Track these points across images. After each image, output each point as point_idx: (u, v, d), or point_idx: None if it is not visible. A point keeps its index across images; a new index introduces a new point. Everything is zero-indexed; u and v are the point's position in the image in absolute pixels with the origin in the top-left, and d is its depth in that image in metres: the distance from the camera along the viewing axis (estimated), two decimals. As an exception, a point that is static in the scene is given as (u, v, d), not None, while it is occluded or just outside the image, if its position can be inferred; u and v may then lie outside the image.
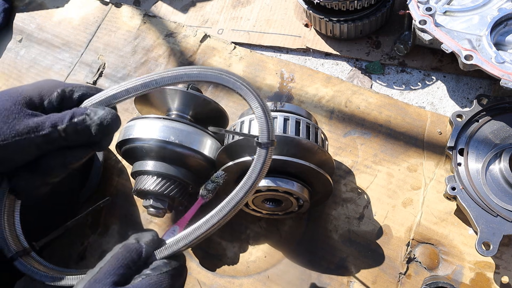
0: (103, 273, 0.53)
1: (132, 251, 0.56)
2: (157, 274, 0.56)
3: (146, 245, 0.58)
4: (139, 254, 0.57)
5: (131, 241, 0.58)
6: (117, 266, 0.54)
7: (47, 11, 1.38)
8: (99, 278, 0.53)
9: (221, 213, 0.63)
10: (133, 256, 0.56)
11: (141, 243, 0.58)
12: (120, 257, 0.55)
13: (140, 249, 0.57)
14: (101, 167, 1.03)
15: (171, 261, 0.59)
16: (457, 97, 1.09)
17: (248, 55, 1.19)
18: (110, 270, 0.53)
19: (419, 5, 0.98)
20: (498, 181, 0.88)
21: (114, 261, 0.55)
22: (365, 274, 0.90)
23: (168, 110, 0.97)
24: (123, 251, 0.56)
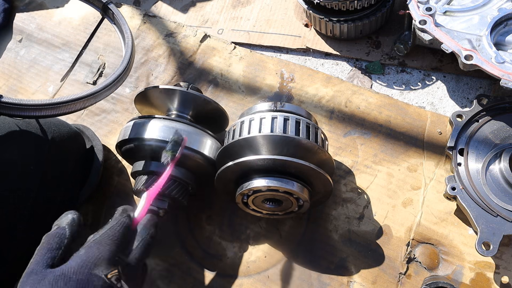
0: (34, 263, 0.57)
1: (54, 236, 0.60)
2: (85, 245, 0.60)
3: (68, 225, 0.62)
4: (62, 236, 0.60)
5: (52, 229, 0.62)
6: (44, 253, 0.58)
7: (47, 11, 1.38)
8: (31, 269, 0.57)
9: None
10: (57, 240, 0.60)
11: (62, 226, 0.61)
12: (45, 245, 0.59)
13: (62, 231, 0.61)
14: (101, 167, 1.03)
15: (100, 230, 0.63)
16: (457, 97, 1.09)
17: (248, 55, 1.19)
18: (39, 259, 0.57)
19: (419, 5, 0.98)
20: (498, 181, 0.88)
21: (41, 251, 0.59)
22: (365, 274, 0.90)
23: (168, 110, 0.97)
24: (45, 239, 0.60)
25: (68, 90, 1.23)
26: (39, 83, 1.26)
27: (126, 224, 0.66)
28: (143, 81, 1.20)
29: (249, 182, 0.82)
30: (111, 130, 1.15)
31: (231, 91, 1.15)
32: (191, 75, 1.19)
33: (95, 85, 1.23)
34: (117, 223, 0.65)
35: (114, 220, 0.66)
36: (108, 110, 1.17)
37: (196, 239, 0.99)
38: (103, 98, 0.83)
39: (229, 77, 1.17)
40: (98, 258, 0.59)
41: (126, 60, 0.88)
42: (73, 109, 0.78)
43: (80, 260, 0.58)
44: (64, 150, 0.90)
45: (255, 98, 1.13)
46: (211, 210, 1.01)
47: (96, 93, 0.80)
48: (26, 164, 0.81)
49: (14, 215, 0.78)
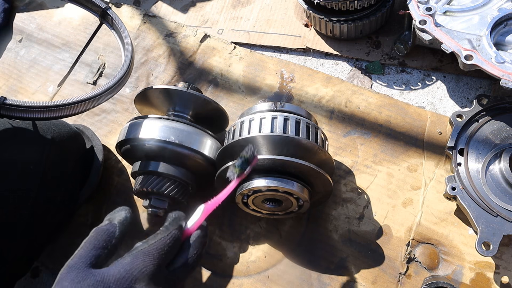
0: (78, 257, 0.55)
1: (104, 232, 0.58)
2: (131, 253, 0.57)
3: (119, 223, 0.59)
4: (111, 234, 0.58)
5: (104, 223, 0.60)
6: (90, 249, 0.56)
7: (47, 11, 1.38)
8: (74, 262, 0.54)
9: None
10: (105, 237, 0.57)
11: (114, 222, 0.59)
12: (92, 240, 0.57)
13: (112, 229, 0.58)
14: (101, 167, 1.03)
15: (149, 239, 0.60)
16: (457, 97, 1.09)
17: (248, 55, 1.19)
18: (83, 254, 0.55)
19: (419, 5, 0.98)
20: (498, 181, 0.88)
21: (87, 245, 0.56)
22: (365, 274, 0.90)
23: (168, 110, 0.97)
24: (95, 234, 0.58)
25: (68, 90, 1.23)
26: (39, 83, 1.26)
27: (176, 237, 0.61)
28: (143, 81, 1.20)
29: (249, 182, 0.82)
30: (111, 130, 1.15)
31: (231, 91, 1.15)
32: (191, 75, 1.19)
33: (95, 85, 1.23)
34: (168, 235, 0.60)
35: (165, 230, 0.61)
36: (108, 110, 1.17)
37: (196, 239, 0.99)
38: (104, 102, 0.84)
39: (229, 77, 1.17)
40: (142, 271, 0.55)
41: (126, 65, 0.89)
42: (75, 112, 0.79)
43: (123, 269, 0.54)
44: (64, 150, 0.90)
45: (255, 98, 1.13)
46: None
47: (97, 96, 0.81)
48: (26, 164, 0.81)
49: (14, 215, 0.78)
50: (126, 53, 0.91)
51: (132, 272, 0.54)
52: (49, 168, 0.84)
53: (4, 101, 0.70)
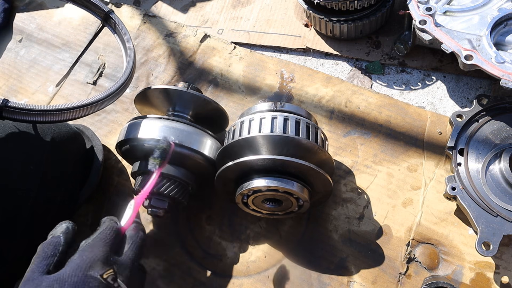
0: (31, 271, 0.58)
1: (49, 244, 0.61)
2: (77, 251, 0.61)
3: (62, 233, 0.63)
4: (57, 243, 0.61)
5: (48, 238, 0.63)
6: (40, 260, 0.59)
7: (47, 11, 1.38)
8: (28, 277, 0.57)
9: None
10: (52, 247, 0.60)
11: (57, 234, 0.63)
12: (40, 253, 0.60)
13: (57, 240, 0.62)
14: (101, 167, 1.03)
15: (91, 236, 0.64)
16: (457, 97, 1.09)
17: (248, 55, 1.19)
18: (35, 267, 0.58)
19: (419, 5, 0.98)
20: (498, 181, 0.88)
21: (36, 259, 0.59)
22: (365, 274, 0.90)
23: (168, 110, 0.97)
24: (41, 248, 0.61)
25: (68, 90, 1.23)
26: (39, 83, 1.26)
27: (115, 228, 0.67)
28: (143, 81, 1.20)
29: (249, 182, 0.82)
30: (111, 130, 1.15)
31: (231, 91, 1.15)
32: (191, 75, 1.19)
33: (95, 85, 1.23)
34: (107, 228, 0.66)
35: (103, 225, 0.67)
36: (108, 110, 1.17)
37: (196, 239, 0.99)
38: (106, 107, 0.85)
39: (229, 77, 1.17)
40: (92, 260, 0.59)
41: (128, 70, 0.89)
42: (77, 116, 0.80)
43: (74, 264, 0.58)
44: (64, 150, 0.90)
45: (255, 98, 1.13)
46: (211, 210, 1.01)
47: (99, 101, 0.82)
48: (26, 164, 0.81)
49: (14, 215, 0.78)
50: (128, 58, 0.91)
51: (83, 263, 0.58)
52: (49, 168, 0.84)
53: (6, 103, 0.71)
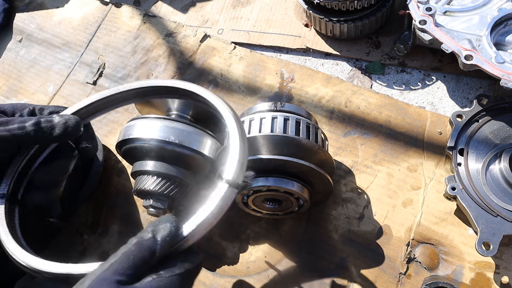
0: (112, 272, 0.51)
1: (145, 250, 0.53)
2: (169, 276, 0.53)
3: (161, 240, 0.54)
4: (152, 252, 0.53)
5: (146, 235, 0.55)
6: (127, 266, 0.52)
7: (47, 11, 1.38)
8: (106, 276, 0.51)
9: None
10: (145, 255, 0.53)
11: (156, 237, 0.54)
12: (131, 256, 0.52)
13: (154, 247, 0.54)
14: (101, 167, 1.03)
15: (185, 263, 0.56)
16: (457, 97, 1.09)
17: (248, 55, 1.19)
18: (119, 269, 0.51)
19: (419, 5, 0.98)
20: (498, 181, 0.88)
21: (125, 260, 0.52)
22: (365, 274, 0.90)
23: (168, 110, 0.97)
24: (135, 250, 0.53)
25: (68, 90, 1.23)
26: (39, 83, 1.26)
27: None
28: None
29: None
30: (111, 130, 1.15)
31: (231, 91, 1.15)
32: (191, 75, 1.19)
33: (95, 85, 1.22)
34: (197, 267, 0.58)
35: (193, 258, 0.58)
36: (108, 110, 1.17)
37: (196, 239, 0.99)
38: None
39: (229, 77, 1.17)
40: None
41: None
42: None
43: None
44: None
45: (255, 98, 1.13)
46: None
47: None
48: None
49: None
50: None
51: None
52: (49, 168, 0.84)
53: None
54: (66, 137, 0.70)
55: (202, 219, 0.57)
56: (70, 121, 0.69)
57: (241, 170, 0.62)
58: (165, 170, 0.86)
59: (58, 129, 0.68)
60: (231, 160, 0.62)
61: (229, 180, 0.59)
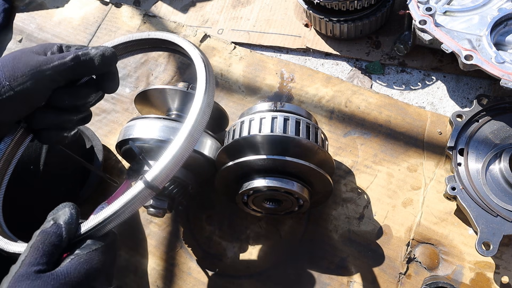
0: (26, 266, 0.51)
1: (50, 235, 0.54)
2: (86, 252, 0.55)
3: (65, 223, 0.56)
4: (59, 236, 0.54)
5: (48, 223, 0.56)
6: (39, 255, 0.52)
7: (47, 11, 1.38)
8: (22, 272, 0.51)
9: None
10: (53, 241, 0.54)
11: (59, 222, 0.55)
12: (39, 245, 0.53)
13: (59, 231, 0.55)
14: (101, 167, 1.03)
15: (101, 239, 0.58)
16: (457, 97, 1.09)
17: (248, 55, 1.19)
18: (32, 261, 0.51)
19: (419, 5, 0.98)
20: (498, 181, 0.88)
21: (35, 252, 0.52)
22: (365, 274, 0.90)
23: (168, 110, 0.97)
24: (41, 238, 0.54)
25: (68, 90, 1.23)
26: (39, 83, 1.26)
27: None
28: (143, 81, 1.20)
29: (249, 182, 0.82)
30: (111, 130, 1.15)
31: (231, 91, 1.15)
32: (191, 75, 1.19)
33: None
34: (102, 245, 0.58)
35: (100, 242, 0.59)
36: (108, 110, 1.17)
37: (196, 239, 0.99)
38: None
39: (229, 77, 1.17)
40: (99, 270, 0.54)
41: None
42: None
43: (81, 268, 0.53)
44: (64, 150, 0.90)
45: (255, 98, 1.13)
46: (211, 210, 1.01)
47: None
48: (26, 164, 0.81)
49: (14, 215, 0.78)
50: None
51: (91, 271, 0.54)
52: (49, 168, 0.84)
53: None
54: (105, 67, 0.69)
55: (112, 212, 0.57)
56: (106, 51, 0.68)
57: (165, 176, 0.59)
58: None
59: (97, 60, 0.67)
60: (160, 161, 0.59)
61: (148, 182, 0.58)
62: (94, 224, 0.57)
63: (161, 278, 0.96)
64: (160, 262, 0.97)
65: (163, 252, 0.99)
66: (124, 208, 0.58)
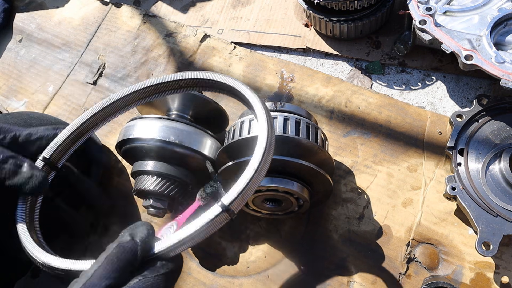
0: (98, 277, 0.50)
1: (127, 252, 0.53)
2: (154, 275, 0.54)
3: (141, 242, 0.55)
4: (134, 254, 0.54)
5: (126, 238, 0.55)
6: (112, 269, 0.51)
7: (47, 11, 1.38)
8: (93, 283, 0.50)
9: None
10: (128, 257, 0.53)
11: (136, 239, 0.55)
12: (114, 259, 0.52)
13: (135, 248, 0.54)
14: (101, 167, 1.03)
15: (168, 263, 0.57)
16: (457, 97, 1.09)
17: (248, 55, 1.19)
18: (104, 274, 0.51)
19: (419, 5, 0.98)
20: (498, 181, 0.88)
21: (109, 265, 0.52)
22: (365, 274, 0.90)
23: (168, 110, 0.97)
24: (118, 253, 0.53)
25: (68, 90, 1.23)
26: (39, 83, 1.26)
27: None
28: (143, 81, 1.20)
29: (249, 182, 0.81)
30: (111, 130, 1.15)
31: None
32: (191, 75, 1.19)
33: (95, 85, 1.22)
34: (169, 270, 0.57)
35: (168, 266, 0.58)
36: (108, 110, 1.17)
37: (196, 239, 0.99)
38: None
39: (229, 77, 1.17)
40: None
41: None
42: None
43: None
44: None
45: (255, 98, 1.13)
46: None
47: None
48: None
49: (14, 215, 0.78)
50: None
51: None
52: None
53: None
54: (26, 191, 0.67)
55: (187, 235, 0.56)
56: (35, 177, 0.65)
57: (241, 200, 0.58)
58: (165, 170, 0.86)
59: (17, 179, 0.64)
60: (237, 185, 0.58)
61: (225, 205, 0.57)
62: (168, 246, 0.56)
63: (161, 278, 0.96)
64: (160, 262, 0.97)
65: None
66: (199, 232, 0.56)
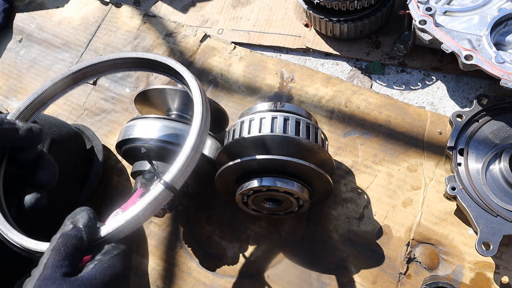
0: (50, 268, 0.51)
1: (72, 238, 0.54)
2: (108, 258, 0.55)
3: (84, 226, 0.56)
4: (80, 239, 0.54)
5: (68, 227, 0.56)
6: (62, 258, 0.52)
7: (47, 11, 1.38)
8: (47, 274, 0.50)
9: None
10: (75, 243, 0.54)
11: (78, 226, 0.56)
12: (61, 249, 0.53)
13: (80, 234, 0.55)
14: (101, 167, 1.03)
15: (119, 244, 0.58)
16: (457, 97, 1.09)
17: (248, 55, 1.19)
18: (55, 263, 0.51)
19: (419, 5, 0.98)
20: (498, 181, 0.88)
21: (57, 255, 0.52)
22: (365, 274, 0.90)
23: (168, 110, 0.97)
24: (63, 242, 0.53)
25: (68, 90, 1.23)
26: (39, 83, 1.26)
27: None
28: (143, 81, 1.20)
29: (249, 182, 0.82)
30: (111, 130, 1.15)
31: (231, 91, 1.15)
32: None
33: (95, 85, 1.22)
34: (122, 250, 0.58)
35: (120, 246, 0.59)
36: (108, 110, 1.18)
37: (196, 239, 0.99)
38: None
39: (229, 77, 1.17)
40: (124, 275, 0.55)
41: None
42: None
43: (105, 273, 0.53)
44: (64, 151, 0.90)
45: (255, 98, 1.13)
46: (211, 210, 1.01)
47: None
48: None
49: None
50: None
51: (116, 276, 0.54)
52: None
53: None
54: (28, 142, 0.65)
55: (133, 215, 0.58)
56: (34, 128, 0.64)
57: (182, 176, 0.61)
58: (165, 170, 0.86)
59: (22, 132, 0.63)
60: (176, 163, 0.61)
61: (167, 183, 0.60)
62: (115, 228, 0.57)
63: (161, 278, 0.96)
64: (160, 262, 0.97)
65: (163, 252, 0.99)
66: (144, 211, 0.58)
